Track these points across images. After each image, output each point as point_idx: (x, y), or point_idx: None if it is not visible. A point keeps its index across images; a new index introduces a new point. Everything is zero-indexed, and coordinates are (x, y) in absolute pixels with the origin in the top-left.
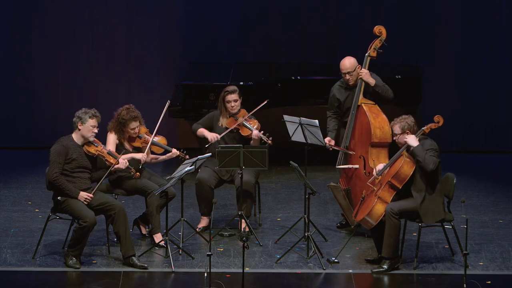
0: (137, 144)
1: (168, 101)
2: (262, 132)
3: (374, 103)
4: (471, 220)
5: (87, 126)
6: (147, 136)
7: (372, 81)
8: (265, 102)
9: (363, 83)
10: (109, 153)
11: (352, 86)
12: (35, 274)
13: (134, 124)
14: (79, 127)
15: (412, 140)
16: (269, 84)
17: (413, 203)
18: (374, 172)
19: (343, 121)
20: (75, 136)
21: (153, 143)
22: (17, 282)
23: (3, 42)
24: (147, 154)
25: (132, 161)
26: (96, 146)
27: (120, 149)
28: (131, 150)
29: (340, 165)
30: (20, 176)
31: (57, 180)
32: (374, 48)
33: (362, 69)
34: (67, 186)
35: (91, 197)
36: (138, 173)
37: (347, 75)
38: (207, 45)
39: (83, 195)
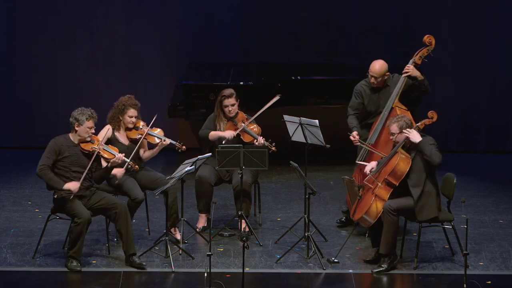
0: (133, 135)
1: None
2: (264, 138)
3: (407, 109)
4: (471, 220)
5: (84, 128)
6: (143, 128)
7: (418, 74)
8: (277, 97)
9: (403, 85)
10: (106, 149)
11: (376, 88)
12: (35, 274)
13: (132, 112)
14: (76, 128)
15: (416, 136)
16: (269, 84)
17: (411, 201)
18: (366, 170)
19: (367, 122)
20: (71, 135)
21: (149, 134)
22: (17, 282)
23: (3, 42)
24: (144, 146)
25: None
26: (92, 143)
27: (114, 142)
28: (127, 143)
29: (360, 161)
30: (20, 176)
31: (42, 171)
32: (420, 57)
33: (408, 65)
34: (52, 178)
35: (77, 187)
36: (137, 166)
37: (372, 78)
38: (207, 45)
39: (68, 185)
